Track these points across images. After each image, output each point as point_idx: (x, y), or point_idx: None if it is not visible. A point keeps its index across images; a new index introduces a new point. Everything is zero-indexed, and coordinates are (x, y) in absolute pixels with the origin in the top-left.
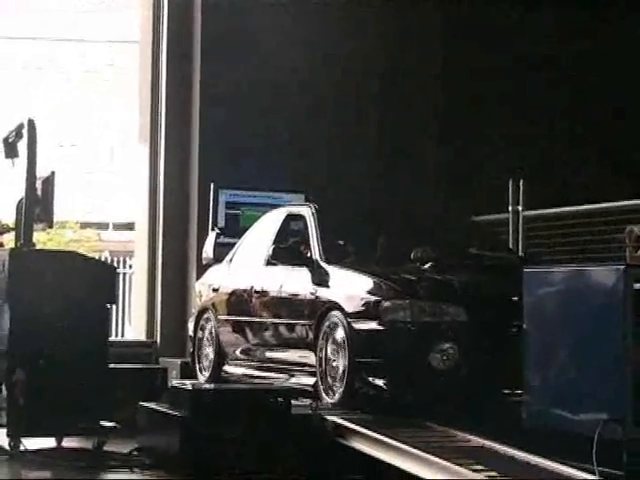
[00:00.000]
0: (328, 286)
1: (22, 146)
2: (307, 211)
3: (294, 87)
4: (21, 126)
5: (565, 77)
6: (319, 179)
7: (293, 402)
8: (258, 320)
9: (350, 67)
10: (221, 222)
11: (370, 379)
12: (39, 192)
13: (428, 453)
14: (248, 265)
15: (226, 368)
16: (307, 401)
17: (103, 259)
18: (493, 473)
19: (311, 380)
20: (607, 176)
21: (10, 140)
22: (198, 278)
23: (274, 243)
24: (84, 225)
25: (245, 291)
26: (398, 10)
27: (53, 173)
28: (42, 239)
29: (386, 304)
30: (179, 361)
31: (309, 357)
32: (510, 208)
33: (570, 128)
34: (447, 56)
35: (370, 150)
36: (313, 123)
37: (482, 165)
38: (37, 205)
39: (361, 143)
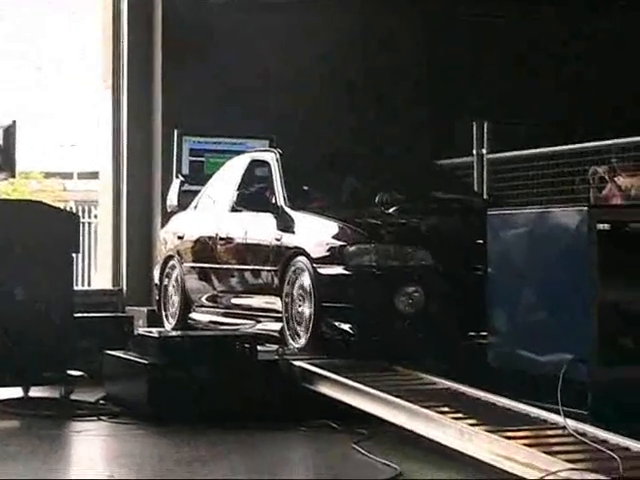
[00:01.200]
0: (293, 232)
1: None
2: (271, 157)
3: (261, 29)
4: None
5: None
6: (283, 125)
7: (260, 348)
8: (223, 267)
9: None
10: (185, 169)
11: (336, 324)
12: (0, 141)
13: (395, 396)
14: (212, 212)
15: (192, 315)
16: (274, 347)
17: (68, 209)
18: (459, 415)
19: (277, 326)
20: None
21: None
22: (163, 226)
23: (238, 189)
24: (48, 175)
25: (210, 238)
26: None
27: (14, 122)
28: (6, 190)
29: (351, 249)
30: (145, 309)
31: (275, 303)
32: (475, 151)
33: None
34: None
35: (336, 94)
36: (279, 67)
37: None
38: None
39: (327, 87)
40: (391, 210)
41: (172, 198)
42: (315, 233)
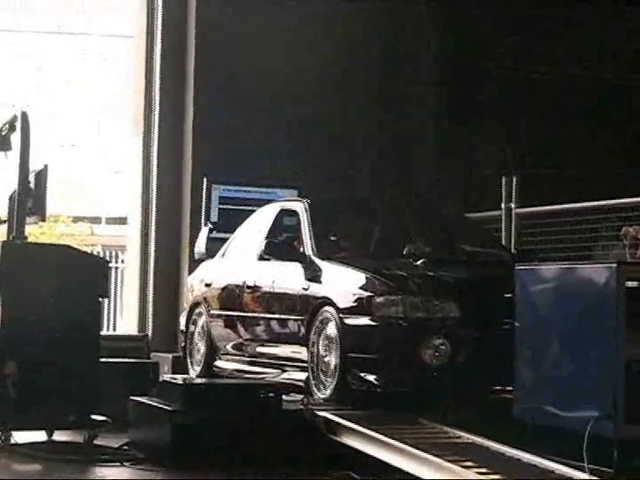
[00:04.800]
0: (320, 282)
1: (15, 139)
2: (300, 206)
3: (289, 81)
4: (14, 118)
5: (564, 69)
6: (313, 175)
7: (285, 397)
8: (250, 315)
9: (347, 62)
10: (214, 217)
11: (362, 374)
12: (32, 185)
13: (419, 450)
14: (240, 260)
15: (218, 363)
16: (299, 396)
17: (95, 253)
18: (484, 470)
19: (303, 375)
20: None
21: (3, 133)
22: (190, 273)
23: (267, 238)
24: (77, 219)
25: (237, 286)
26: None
27: (46, 166)
28: (35, 233)
29: (378, 300)
30: (171, 355)
31: (301, 352)
32: (503, 205)
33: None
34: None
35: (365, 146)
36: (308, 118)
37: (477, 162)
38: (29, 198)
39: (356, 140)
40: (419, 262)
41: (200, 245)
42: (343, 283)
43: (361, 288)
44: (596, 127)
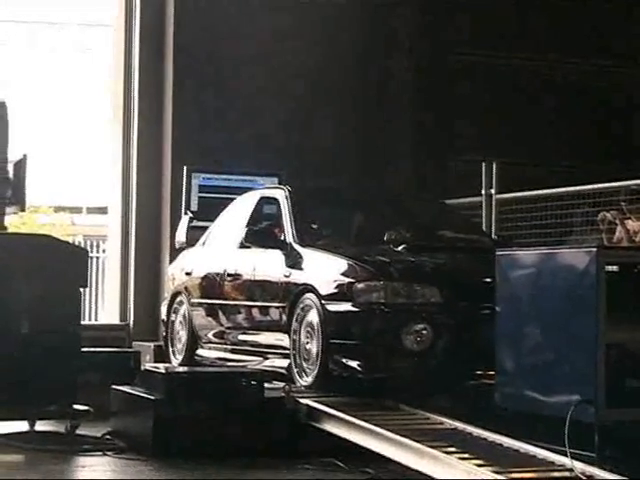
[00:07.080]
0: (302, 269)
1: None
2: (281, 194)
3: (271, 69)
4: None
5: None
6: (293, 162)
7: (267, 385)
8: (231, 303)
9: (326, 46)
10: (194, 206)
11: (344, 361)
12: (11, 175)
13: (402, 436)
14: (221, 248)
15: (199, 351)
16: (281, 384)
17: (76, 243)
18: (466, 455)
19: (285, 363)
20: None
21: None
22: (171, 262)
23: (247, 226)
24: (57, 209)
25: (218, 274)
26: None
27: (25, 156)
28: (15, 223)
29: (360, 286)
30: (152, 344)
31: (283, 340)
32: (483, 191)
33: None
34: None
35: (345, 133)
36: (288, 105)
37: (457, 148)
38: (9, 188)
39: (337, 126)
40: (399, 248)
41: (180, 234)
42: (324, 270)
43: (342, 274)
44: (580, 118)
